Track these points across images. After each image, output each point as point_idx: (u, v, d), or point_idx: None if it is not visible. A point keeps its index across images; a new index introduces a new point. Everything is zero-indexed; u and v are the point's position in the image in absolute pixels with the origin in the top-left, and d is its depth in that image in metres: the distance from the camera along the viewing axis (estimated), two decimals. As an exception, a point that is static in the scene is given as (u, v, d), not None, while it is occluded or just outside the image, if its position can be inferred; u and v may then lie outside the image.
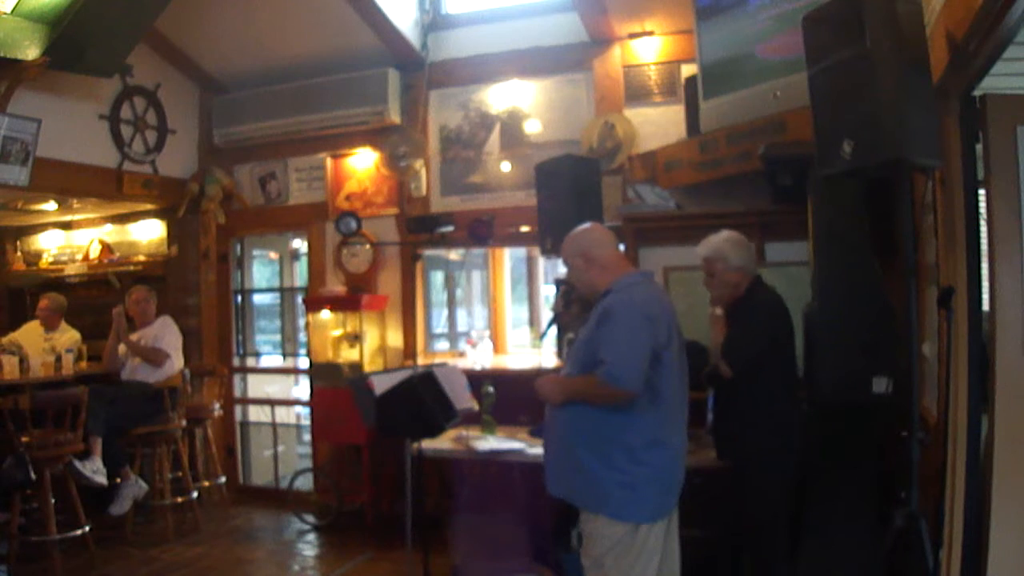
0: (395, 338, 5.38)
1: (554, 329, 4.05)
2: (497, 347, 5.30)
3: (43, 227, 6.67)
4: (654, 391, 2.47)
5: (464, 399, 3.62)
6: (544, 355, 5.28)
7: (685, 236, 3.39)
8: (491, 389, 4.12)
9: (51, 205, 5.87)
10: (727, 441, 3.24)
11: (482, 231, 4.37)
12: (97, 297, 6.03)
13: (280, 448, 6.11)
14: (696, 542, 2.93)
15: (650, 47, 4.73)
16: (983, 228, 2.42)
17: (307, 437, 6.03)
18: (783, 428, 3.02)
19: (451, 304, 6.12)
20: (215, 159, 5.87)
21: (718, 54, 3.98)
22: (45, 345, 5.35)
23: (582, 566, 2.59)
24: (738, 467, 3.15)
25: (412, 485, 3.39)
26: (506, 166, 5.12)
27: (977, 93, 2.43)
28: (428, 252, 5.45)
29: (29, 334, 5.53)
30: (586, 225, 2.82)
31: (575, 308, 3.01)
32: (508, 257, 5.57)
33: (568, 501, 2.63)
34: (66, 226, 6.61)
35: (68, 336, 5.49)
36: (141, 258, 6.11)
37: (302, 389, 6.08)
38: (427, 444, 3.55)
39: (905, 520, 2.28)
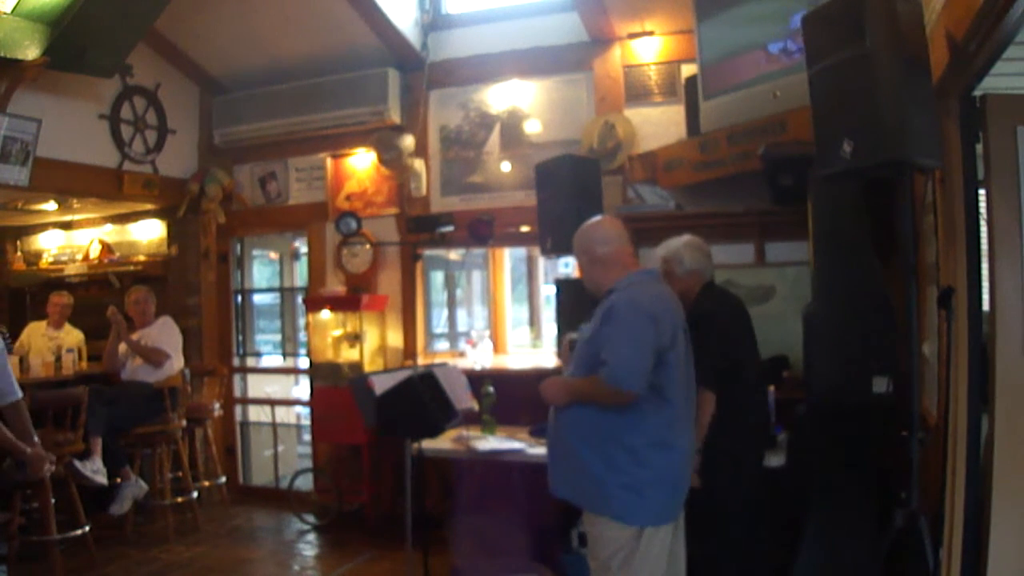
0: (395, 338, 5.38)
1: (555, 333, 4.04)
2: (497, 347, 5.29)
3: (43, 227, 6.67)
4: (658, 392, 2.43)
5: (464, 399, 3.62)
6: (544, 355, 5.29)
7: (685, 236, 3.40)
8: (491, 389, 4.12)
9: (51, 205, 5.87)
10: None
11: (482, 231, 4.37)
12: (97, 297, 6.01)
13: (280, 448, 6.10)
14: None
15: (650, 47, 4.73)
16: (983, 228, 2.42)
17: (307, 437, 6.03)
18: (743, 436, 2.98)
19: (451, 304, 6.12)
20: (215, 159, 5.87)
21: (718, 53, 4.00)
22: (50, 344, 5.37)
23: (589, 567, 2.58)
24: (704, 475, 3.09)
25: (412, 485, 3.39)
26: (506, 166, 5.12)
27: (977, 93, 2.43)
28: (428, 252, 5.45)
29: (33, 334, 5.55)
30: (595, 219, 2.76)
31: None
32: (508, 257, 5.56)
33: (571, 503, 2.61)
34: (66, 226, 6.61)
35: (72, 336, 5.51)
36: (141, 258, 6.11)
37: (302, 389, 6.07)
38: (427, 444, 3.55)
39: (905, 520, 2.29)
